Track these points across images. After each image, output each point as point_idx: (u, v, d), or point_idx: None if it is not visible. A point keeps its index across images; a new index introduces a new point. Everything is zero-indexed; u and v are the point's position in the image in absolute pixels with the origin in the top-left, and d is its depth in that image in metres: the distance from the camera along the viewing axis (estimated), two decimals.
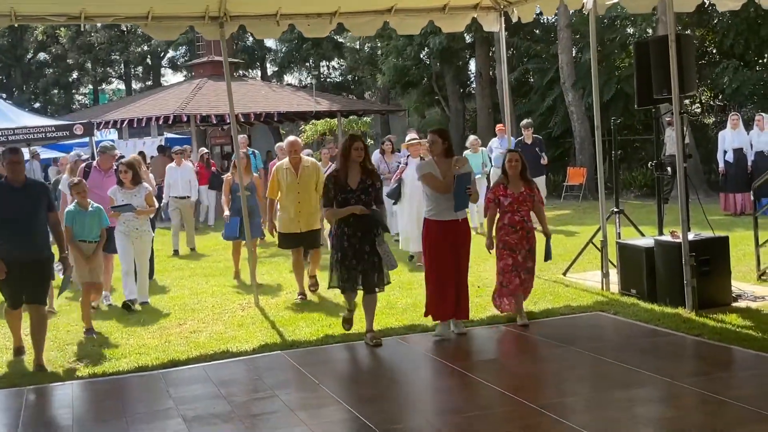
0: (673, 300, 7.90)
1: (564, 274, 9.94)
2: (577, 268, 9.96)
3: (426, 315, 7.39)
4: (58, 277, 7.68)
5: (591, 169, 21.11)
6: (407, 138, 11.66)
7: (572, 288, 9.23)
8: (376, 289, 7.19)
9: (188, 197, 14.37)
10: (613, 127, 9.88)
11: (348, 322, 7.54)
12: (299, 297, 9.34)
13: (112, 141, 20.67)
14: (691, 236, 7.90)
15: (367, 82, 35.53)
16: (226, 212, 10.69)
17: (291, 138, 9.55)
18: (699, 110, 23.82)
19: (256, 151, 17.41)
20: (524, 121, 15.45)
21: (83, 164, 11.53)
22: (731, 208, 15.43)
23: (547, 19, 25.18)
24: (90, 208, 8.34)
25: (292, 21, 9.41)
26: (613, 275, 9.00)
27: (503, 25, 10.25)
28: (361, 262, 7.04)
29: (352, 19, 9.57)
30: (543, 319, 7.90)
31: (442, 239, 7.13)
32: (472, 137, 15.25)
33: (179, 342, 7.59)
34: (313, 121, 27.51)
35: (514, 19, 10.05)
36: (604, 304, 8.34)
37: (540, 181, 13.93)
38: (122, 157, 10.51)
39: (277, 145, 12.98)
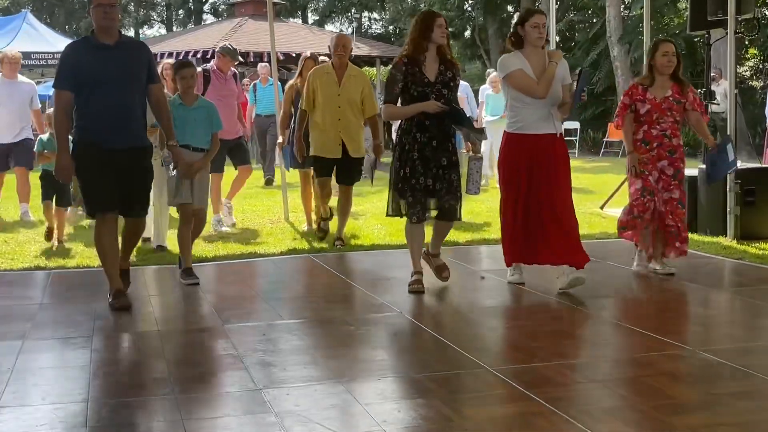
0: (714, 230, 7.67)
1: (601, 207, 9.73)
2: (616, 204, 9.72)
3: (509, 264, 5.63)
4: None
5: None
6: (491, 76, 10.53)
7: (609, 219, 9.01)
8: (455, 217, 5.56)
9: None
10: None
11: (417, 283, 5.48)
12: (322, 223, 7.68)
13: None
14: (738, 164, 7.64)
15: (407, 34, 35.12)
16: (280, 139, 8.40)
17: (339, 34, 7.75)
18: (748, 73, 23.27)
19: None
20: (492, 75, 13.03)
21: (200, 69, 11.11)
22: None
23: None
24: (196, 104, 5.97)
25: None
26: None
27: None
28: (436, 180, 5.37)
29: None
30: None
31: (529, 158, 5.35)
32: (493, 73, 13.27)
33: (207, 245, 7.50)
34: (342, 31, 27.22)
35: None
36: None
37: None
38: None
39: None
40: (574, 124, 20.90)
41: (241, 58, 13.50)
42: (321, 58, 9.12)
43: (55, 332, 4.71)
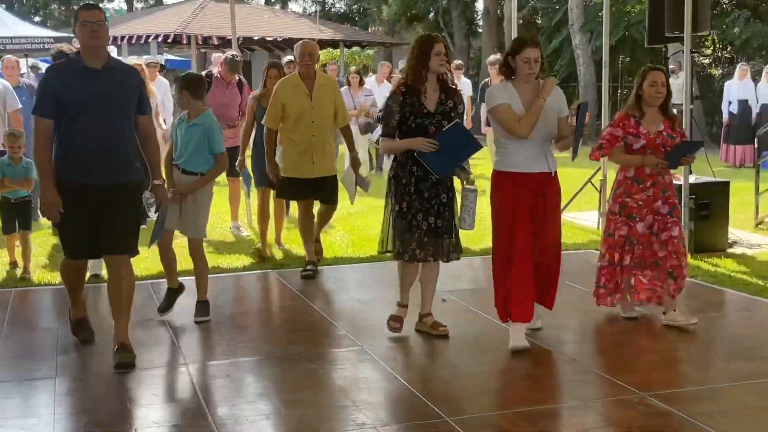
0: None
1: (561, 210, 9.86)
2: (574, 208, 9.88)
3: (504, 320, 5.05)
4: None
5: (594, 114, 20.91)
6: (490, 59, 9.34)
7: (567, 226, 9.12)
8: (450, 257, 5.20)
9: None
10: (620, 67, 9.65)
11: (397, 321, 5.24)
12: (309, 268, 6.86)
13: None
14: (692, 179, 7.82)
15: (372, 14, 35.00)
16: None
17: (304, 42, 6.79)
18: (707, 61, 23.57)
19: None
20: (492, 57, 12.41)
21: (204, 73, 10.80)
22: (731, 160, 15.32)
23: None
24: (197, 121, 5.42)
25: None
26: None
27: None
28: (438, 218, 5.04)
29: None
30: None
31: (523, 200, 4.86)
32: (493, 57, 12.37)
33: None
34: (307, 39, 27.09)
35: None
36: (598, 243, 8.27)
37: None
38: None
39: (287, 59, 12.10)
40: None
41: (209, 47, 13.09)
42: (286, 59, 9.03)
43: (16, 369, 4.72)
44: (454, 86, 5.13)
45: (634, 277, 5.57)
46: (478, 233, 6.41)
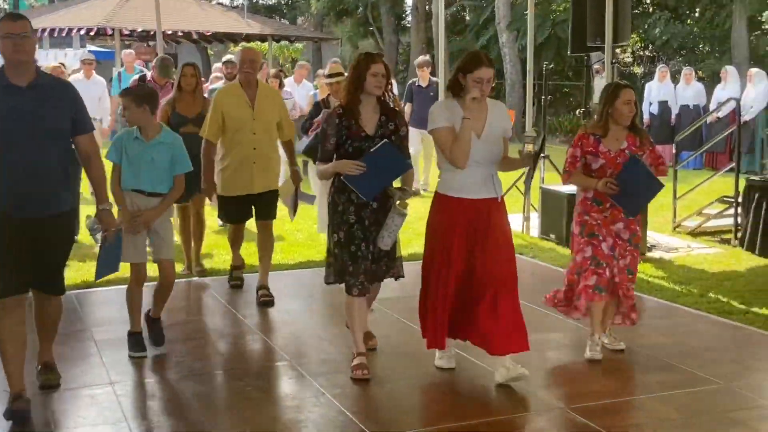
0: None
1: None
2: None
3: (430, 345, 4.84)
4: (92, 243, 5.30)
5: (519, 112, 21.25)
6: (326, 70, 8.43)
7: None
8: (390, 276, 4.96)
9: (98, 120, 10.96)
10: (544, 72, 9.90)
11: (362, 369, 4.78)
12: (236, 275, 6.77)
13: None
14: None
15: (301, 8, 34.80)
16: None
17: (244, 48, 6.28)
18: (630, 60, 24.17)
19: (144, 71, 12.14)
20: (420, 59, 12.30)
21: (137, 77, 10.20)
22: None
23: None
24: (156, 139, 4.96)
25: None
26: (535, 219, 9.15)
27: None
28: (373, 245, 4.75)
29: None
30: None
31: (463, 226, 4.57)
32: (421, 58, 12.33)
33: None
34: (243, 43, 26.89)
35: None
36: (523, 247, 8.46)
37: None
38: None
39: (216, 65, 11.73)
40: None
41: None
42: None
43: None
44: (396, 108, 4.88)
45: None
46: (404, 237, 6.50)
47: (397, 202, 4.68)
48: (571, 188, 8.58)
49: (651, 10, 22.09)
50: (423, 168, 11.91)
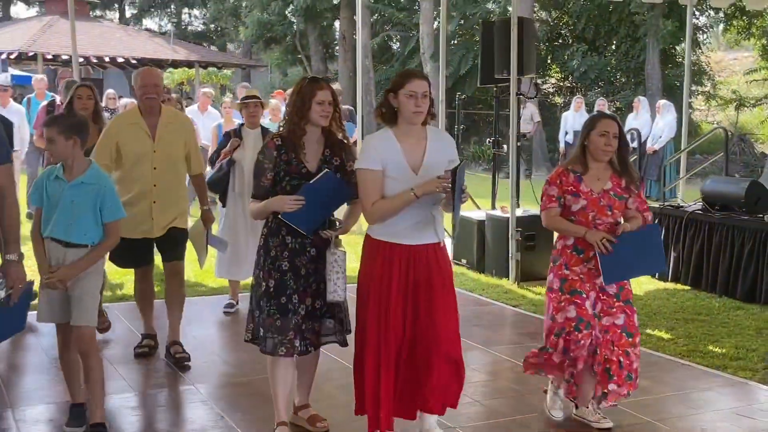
0: (499, 272, 8.32)
1: None
2: None
3: (357, 412, 4.06)
4: None
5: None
6: (240, 93, 7.73)
7: None
8: (336, 339, 4.24)
9: (16, 150, 9.86)
10: (457, 103, 10.18)
11: None
12: (145, 343, 5.71)
13: None
14: (519, 212, 8.32)
15: (230, 34, 34.86)
16: None
17: (144, 69, 5.58)
18: (552, 90, 24.85)
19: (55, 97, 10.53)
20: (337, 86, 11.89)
21: (45, 103, 9.54)
22: None
23: None
24: (86, 179, 4.13)
25: None
26: (449, 245, 9.36)
27: None
28: (316, 298, 4.12)
29: None
30: None
31: (400, 275, 3.87)
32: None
33: None
34: (171, 69, 26.82)
35: None
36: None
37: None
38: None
39: (204, 90, 11.07)
40: None
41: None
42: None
43: None
44: (344, 140, 4.20)
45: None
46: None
47: (334, 234, 4.05)
48: (481, 215, 8.92)
49: (570, 42, 22.79)
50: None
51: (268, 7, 27.11)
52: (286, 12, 28.11)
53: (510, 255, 8.12)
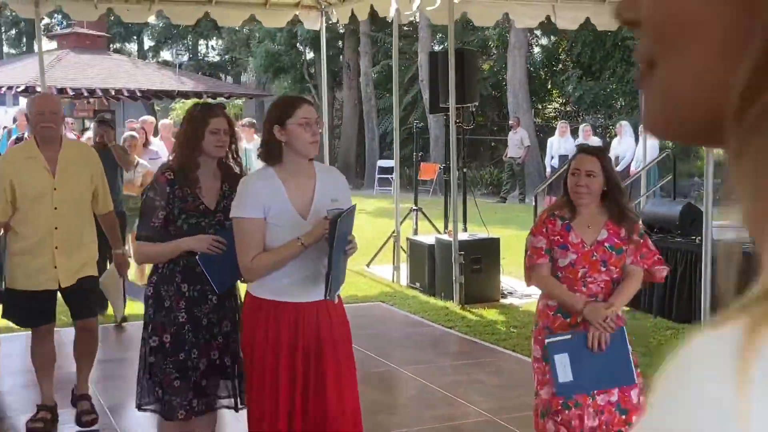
0: (447, 294, 8.52)
1: (367, 265, 10.47)
2: (384, 261, 10.45)
3: None
4: None
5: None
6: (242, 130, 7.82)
7: (368, 279, 9.79)
8: (237, 407, 3.83)
9: None
10: (415, 130, 10.38)
11: None
12: (40, 416, 4.79)
13: None
14: (465, 236, 8.55)
15: (244, 64, 35.51)
16: None
17: (40, 94, 5.00)
18: (553, 115, 25.06)
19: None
20: (245, 120, 11.37)
21: (14, 137, 9.86)
22: None
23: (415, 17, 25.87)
24: None
25: (111, 5, 9.55)
26: (405, 269, 9.60)
27: (324, 24, 10.71)
28: (218, 352, 3.74)
29: (172, 8, 9.78)
30: None
31: (289, 339, 3.32)
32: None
33: None
34: (183, 100, 27.44)
35: (333, 20, 10.52)
36: (387, 295, 8.90)
37: None
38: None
39: (162, 122, 11.61)
40: (390, 163, 21.94)
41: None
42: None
43: None
44: (239, 170, 3.85)
45: None
46: None
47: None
48: (431, 238, 9.15)
49: (568, 67, 23.01)
50: None
51: (276, 37, 27.64)
52: (296, 42, 28.63)
53: (454, 278, 8.33)
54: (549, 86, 23.52)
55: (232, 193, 3.58)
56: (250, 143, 10.54)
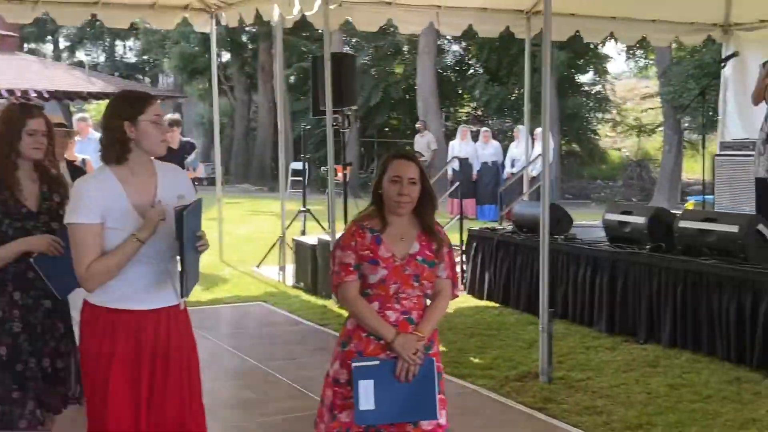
0: (328, 293, 8.69)
1: (257, 266, 10.60)
2: (274, 262, 10.57)
3: None
4: None
5: (356, 166, 22.13)
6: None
7: (255, 279, 9.94)
8: (76, 404, 3.65)
9: None
10: (303, 132, 10.55)
11: None
12: None
13: None
14: None
15: (161, 66, 35.18)
16: None
17: None
18: (465, 119, 25.50)
19: None
20: (167, 117, 9.58)
21: None
22: (455, 212, 16.72)
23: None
24: None
25: None
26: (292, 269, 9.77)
27: (214, 27, 10.80)
28: (50, 359, 3.61)
29: (57, 9, 9.73)
30: (207, 306, 8.48)
31: (130, 350, 3.13)
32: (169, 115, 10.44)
33: None
34: (96, 101, 27.08)
35: (223, 23, 10.62)
36: (271, 295, 9.05)
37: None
38: None
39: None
40: (299, 165, 22.08)
41: None
42: None
43: None
44: (58, 173, 3.77)
45: None
46: None
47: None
48: (314, 239, 9.33)
49: (476, 72, 23.50)
50: None
51: (189, 38, 27.47)
52: (210, 44, 28.56)
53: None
54: (460, 90, 23.95)
55: (53, 195, 3.63)
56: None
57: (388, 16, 9.74)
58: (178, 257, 3.18)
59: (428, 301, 3.36)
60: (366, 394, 3.18)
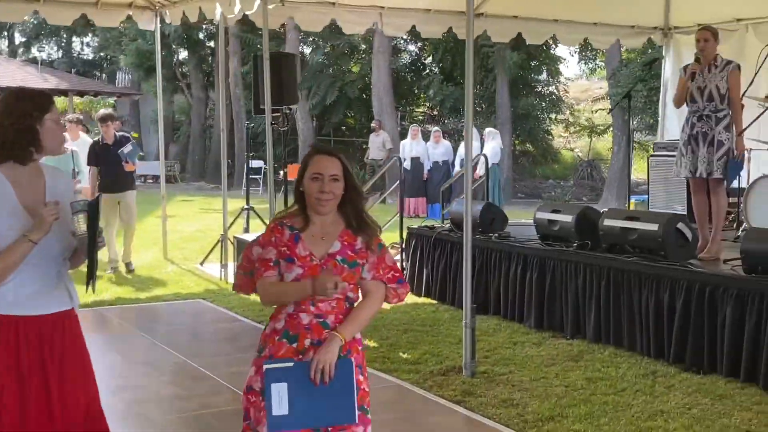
0: None
1: (201, 264, 10.64)
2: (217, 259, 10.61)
3: None
4: None
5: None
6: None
7: (197, 277, 9.96)
8: None
9: None
10: (246, 131, 10.57)
11: None
12: None
13: None
14: None
15: (118, 63, 34.92)
16: None
17: None
18: (421, 118, 25.68)
19: None
20: (101, 112, 10.46)
21: None
22: (406, 211, 16.88)
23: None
24: None
25: None
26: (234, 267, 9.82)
27: (158, 25, 10.80)
28: None
29: None
30: (146, 304, 8.51)
31: (18, 359, 3.01)
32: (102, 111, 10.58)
33: None
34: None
35: (168, 21, 10.62)
36: (212, 292, 9.09)
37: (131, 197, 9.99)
38: None
39: (71, 116, 11.02)
40: (259, 163, 22.09)
41: None
42: None
43: None
44: None
45: None
46: None
47: None
48: (254, 237, 9.37)
49: (431, 72, 23.68)
50: (123, 242, 10.21)
51: (145, 35, 27.31)
52: (167, 41, 28.33)
53: None
54: (415, 90, 24.11)
55: None
56: (75, 141, 10.52)
57: (331, 16, 9.82)
58: (87, 251, 3.13)
59: (349, 305, 3.15)
60: (279, 398, 3.00)
